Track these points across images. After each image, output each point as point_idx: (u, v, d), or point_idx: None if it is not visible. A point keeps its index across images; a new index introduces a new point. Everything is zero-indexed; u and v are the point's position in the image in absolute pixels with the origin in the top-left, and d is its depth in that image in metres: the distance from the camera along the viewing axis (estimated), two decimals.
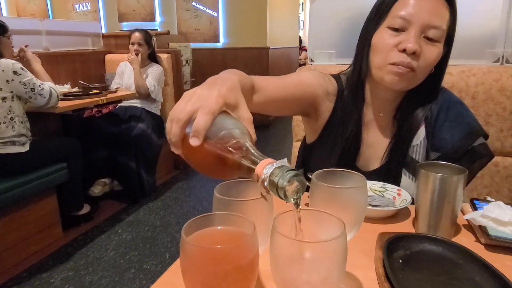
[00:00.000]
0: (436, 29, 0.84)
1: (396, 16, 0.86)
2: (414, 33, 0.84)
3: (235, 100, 0.53)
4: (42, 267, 2.19)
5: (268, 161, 0.41)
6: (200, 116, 0.46)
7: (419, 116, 0.95)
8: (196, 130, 0.45)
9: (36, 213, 2.28)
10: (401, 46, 0.84)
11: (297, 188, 0.40)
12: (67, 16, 6.32)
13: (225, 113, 0.50)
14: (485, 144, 0.94)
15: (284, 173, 0.39)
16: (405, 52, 0.84)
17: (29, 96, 2.15)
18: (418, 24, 0.84)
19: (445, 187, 0.71)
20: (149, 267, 2.19)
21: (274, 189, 0.40)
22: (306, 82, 0.98)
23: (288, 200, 0.40)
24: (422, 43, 0.85)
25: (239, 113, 0.53)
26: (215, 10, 5.64)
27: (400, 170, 0.96)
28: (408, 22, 0.85)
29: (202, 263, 0.39)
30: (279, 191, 0.39)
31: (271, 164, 0.41)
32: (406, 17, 0.85)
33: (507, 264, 0.64)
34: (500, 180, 1.32)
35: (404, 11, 0.85)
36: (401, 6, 0.86)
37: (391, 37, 0.87)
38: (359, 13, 0.97)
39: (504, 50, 1.38)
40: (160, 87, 3.29)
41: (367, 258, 0.66)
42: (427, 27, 0.84)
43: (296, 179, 0.40)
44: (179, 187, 3.40)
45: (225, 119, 0.49)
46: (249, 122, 0.52)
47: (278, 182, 0.39)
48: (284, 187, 0.39)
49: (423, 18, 0.84)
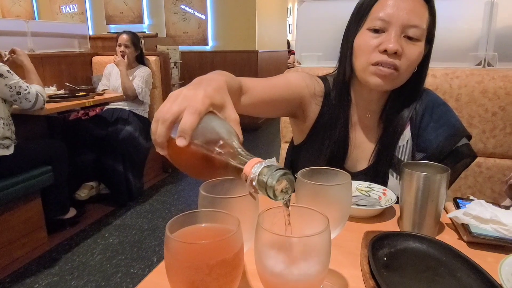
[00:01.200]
0: (416, 28, 0.85)
1: (375, 17, 0.87)
2: (395, 33, 0.85)
3: (221, 101, 0.53)
4: (26, 272, 2.14)
5: (257, 161, 0.41)
6: (186, 116, 0.46)
7: (404, 116, 0.96)
8: (182, 130, 0.45)
9: (20, 217, 2.23)
10: (382, 47, 0.85)
11: (286, 187, 0.40)
12: (53, 18, 6.24)
13: (211, 114, 0.50)
14: (469, 145, 0.95)
15: (272, 172, 0.39)
16: (386, 52, 0.85)
17: (14, 99, 2.12)
18: (398, 24, 0.85)
19: (428, 186, 0.72)
20: (136, 271, 2.17)
21: (263, 188, 0.39)
22: (293, 83, 0.98)
23: (277, 199, 0.40)
24: (403, 42, 0.86)
25: (225, 113, 0.53)
26: (204, 13, 5.64)
27: (387, 171, 0.97)
28: (388, 23, 0.86)
29: (186, 259, 0.39)
30: (268, 190, 0.39)
31: (260, 164, 0.41)
32: (385, 18, 0.86)
33: (488, 261, 0.65)
34: (483, 181, 1.35)
35: (383, 12, 0.86)
36: (379, 7, 0.88)
37: (371, 38, 0.88)
38: (346, 16, 0.97)
39: (486, 53, 1.42)
40: (148, 89, 3.27)
41: (353, 257, 0.67)
42: (407, 26, 0.85)
43: (284, 178, 0.40)
44: (167, 190, 3.37)
45: (212, 119, 0.49)
46: (236, 123, 0.52)
47: (267, 181, 0.39)
48: (273, 186, 0.39)
49: (402, 18, 0.85)
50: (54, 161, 2.39)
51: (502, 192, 1.31)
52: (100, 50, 3.92)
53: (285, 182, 0.40)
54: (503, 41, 1.40)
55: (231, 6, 5.54)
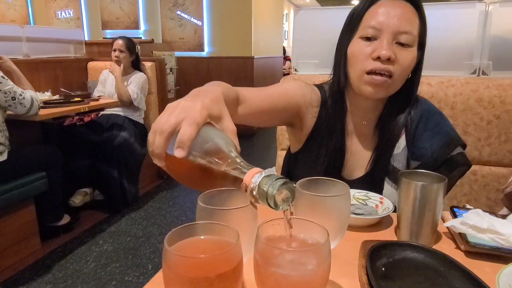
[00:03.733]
0: (407, 34, 0.87)
1: (367, 26, 0.89)
2: (387, 40, 0.86)
3: (218, 112, 0.53)
4: (19, 280, 2.11)
5: (256, 171, 0.42)
6: (185, 127, 0.46)
7: (400, 123, 0.97)
8: (181, 141, 0.45)
9: (13, 224, 2.21)
10: (375, 54, 0.87)
11: (286, 197, 0.40)
12: (49, 23, 6.22)
13: (209, 125, 0.50)
14: (463, 154, 0.96)
15: (273, 181, 0.40)
16: (379, 59, 0.86)
17: (8, 104, 2.11)
18: (389, 31, 0.86)
19: (426, 195, 0.72)
20: (131, 279, 2.14)
21: (264, 198, 0.40)
22: (290, 92, 0.99)
23: (278, 208, 0.40)
24: (395, 49, 0.87)
25: (223, 124, 0.53)
26: (200, 19, 5.66)
27: (383, 178, 0.97)
28: (379, 30, 0.87)
29: (185, 273, 0.38)
30: (269, 200, 0.40)
31: (260, 173, 0.41)
32: (377, 26, 0.87)
33: (486, 271, 0.65)
34: (478, 189, 1.35)
35: (374, 20, 0.88)
36: (371, 16, 0.89)
37: (364, 46, 0.89)
38: (342, 24, 0.99)
39: (480, 62, 1.43)
40: (144, 95, 3.26)
41: (351, 266, 0.66)
42: (398, 33, 0.87)
43: (285, 187, 0.40)
44: (162, 196, 3.35)
45: (210, 130, 0.49)
46: (233, 133, 0.52)
47: (268, 191, 0.39)
48: (274, 196, 0.39)
49: (393, 25, 0.86)
50: (48, 167, 2.37)
51: (497, 200, 1.32)
52: (95, 55, 3.91)
53: (285, 192, 0.40)
54: (497, 50, 1.41)
55: (227, 12, 5.57)
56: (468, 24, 1.44)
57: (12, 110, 2.16)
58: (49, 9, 6.23)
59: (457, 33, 1.46)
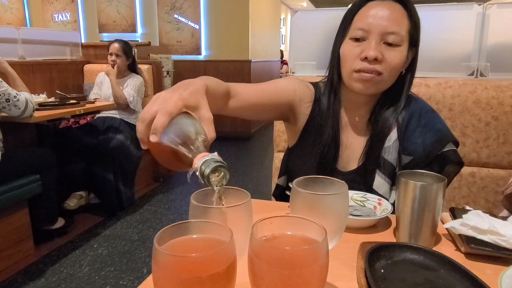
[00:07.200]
0: (394, 34, 0.90)
1: (356, 27, 0.94)
2: (375, 41, 0.90)
3: (195, 102, 0.59)
4: (12, 284, 2.07)
5: (203, 154, 0.49)
6: (158, 117, 0.53)
7: (391, 118, 1.00)
8: (154, 128, 0.52)
9: (6, 227, 2.17)
10: (363, 55, 0.91)
11: (219, 176, 0.47)
12: (45, 26, 6.20)
13: (184, 114, 0.57)
14: (455, 151, 0.97)
15: (209, 164, 0.46)
16: (367, 60, 0.90)
17: (3, 106, 2.08)
18: (376, 33, 0.90)
19: (425, 195, 0.70)
20: (125, 283, 2.11)
21: (202, 177, 0.47)
22: (281, 88, 1.04)
23: (213, 186, 0.47)
24: (383, 49, 0.91)
25: (199, 113, 0.59)
26: (197, 22, 5.66)
27: (374, 170, 0.99)
28: (367, 31, 0.91)
29: (176, 273, 0.37)
30: (205, 179, 0.46)
31: (204, 157, 0.48)
32: (365, 27, 0.92)
33: (487, 273, 0.64)
34: (477, 191, 1.34)
35: (363, 22, 0.93)
36: (360, 18, 0.94)
37: (354, 47, 0.94)
38: (338, 25, 1.02)
39: (478, 63, 1.43)
40: (140, 98, 3.24)
41: (349, 268, 0.65)
42: (385, 33, 0.90)
43: (218, 168, 0.46)
44: (158, 200, 3.32)
45: (182, 119, 0.55)
46: (209, 122, 0.58)
47: (204, 171, 0.46)
48: (208, 175, 0.46)
49: (380, 26, 0.90)
50: (42, 170, 2.34)
51: (496, 202, 1.31)
52: (92, 58, 3.89)
53: (218, 172, 0.47)
54: (495, 51, 1.41)
55: (225, 16, 5.57)
56: (466, 26, 1.44)
57: (6, 112, 2.13)
58: (46, 12, 6.21)
59: (455, 35, 1.45)
